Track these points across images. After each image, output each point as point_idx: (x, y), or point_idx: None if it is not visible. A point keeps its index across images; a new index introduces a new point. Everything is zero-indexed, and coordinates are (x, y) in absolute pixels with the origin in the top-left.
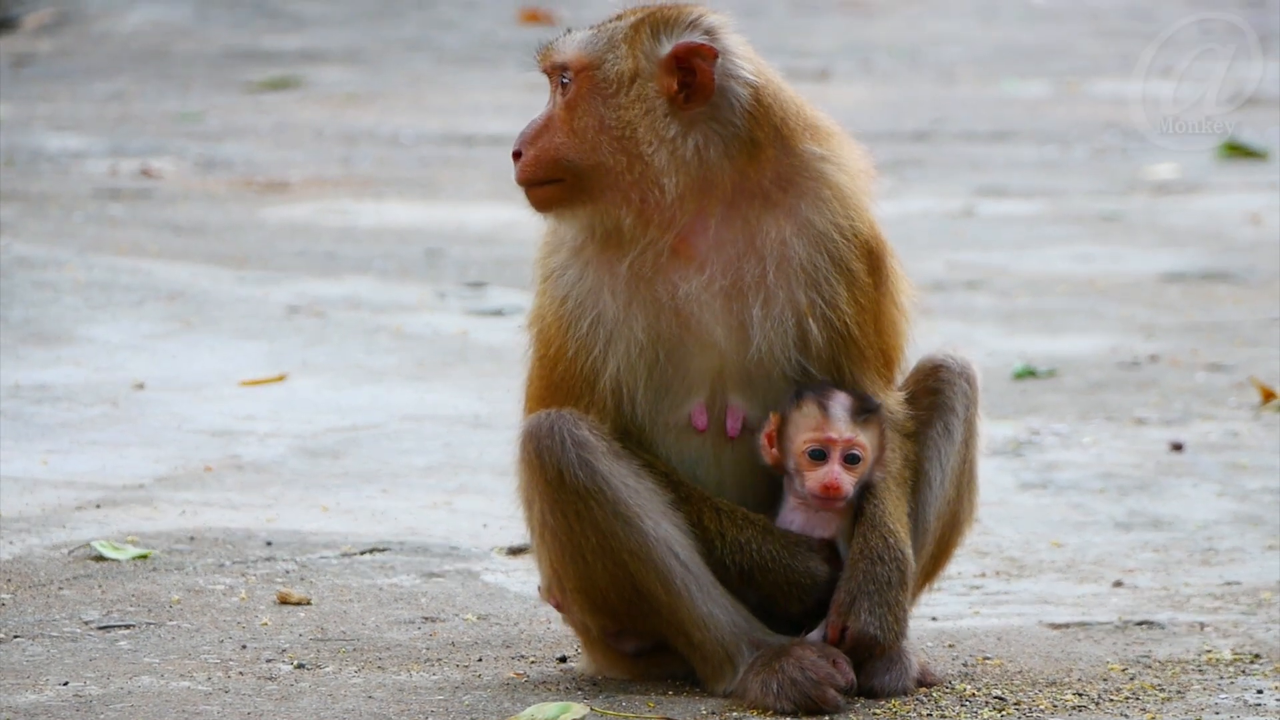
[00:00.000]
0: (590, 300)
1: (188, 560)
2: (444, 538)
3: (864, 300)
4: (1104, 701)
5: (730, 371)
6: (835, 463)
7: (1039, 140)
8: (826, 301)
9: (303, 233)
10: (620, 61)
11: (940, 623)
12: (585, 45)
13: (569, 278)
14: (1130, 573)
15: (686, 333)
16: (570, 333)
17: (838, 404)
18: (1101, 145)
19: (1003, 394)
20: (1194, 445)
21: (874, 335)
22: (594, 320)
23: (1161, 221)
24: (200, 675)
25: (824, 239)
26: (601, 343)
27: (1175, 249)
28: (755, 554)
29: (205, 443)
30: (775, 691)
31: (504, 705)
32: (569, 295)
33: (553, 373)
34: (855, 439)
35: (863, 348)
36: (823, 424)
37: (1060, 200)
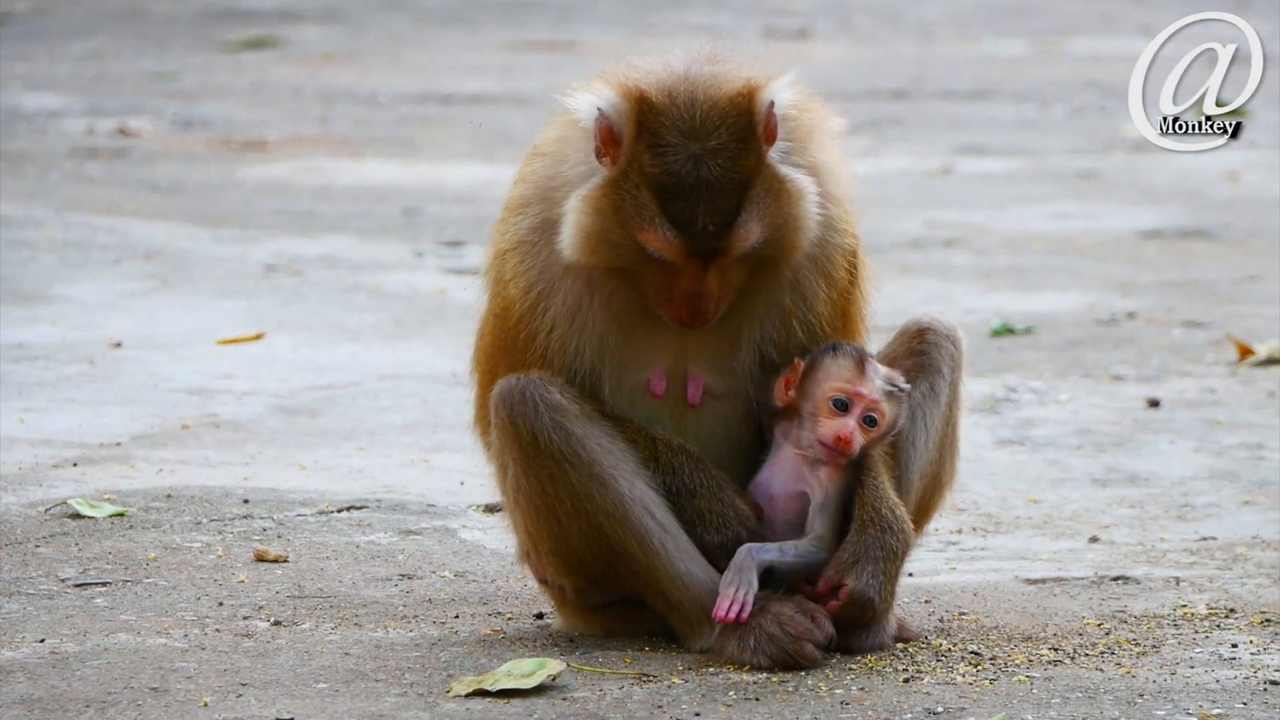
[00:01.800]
0: (558, 280)
1: (165, 518)
2: (421, 495)
3: (839, 300)
4: (1079, 656)
5: (694, 347)
6: (854, 417)
7: (1018, 99)
8: (807, 304)
9: (280, 192)
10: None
11: (917, 579)
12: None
13: (536, 249)
14: (1106, 528)
15: (658, 318)
16: (533, 304)
17: (874, 368)
18: (1080, 104)
19: (980, 351)
20: (1170, 402)
21: (840, 328)
22: (558, 301)
23: (1139, 179)
24: (177, 632)
25: (820, 254)
26: (565, 321)
27: (1153, 206)
28: (685, 479)
29: (182, 401)
30: (752, 647)
31: (481, 661)
32: (533, 268)
33: (509, 334)
34: (880, 404)
35: (829, 336)
36: (856, 379)
37: (1039, 158)
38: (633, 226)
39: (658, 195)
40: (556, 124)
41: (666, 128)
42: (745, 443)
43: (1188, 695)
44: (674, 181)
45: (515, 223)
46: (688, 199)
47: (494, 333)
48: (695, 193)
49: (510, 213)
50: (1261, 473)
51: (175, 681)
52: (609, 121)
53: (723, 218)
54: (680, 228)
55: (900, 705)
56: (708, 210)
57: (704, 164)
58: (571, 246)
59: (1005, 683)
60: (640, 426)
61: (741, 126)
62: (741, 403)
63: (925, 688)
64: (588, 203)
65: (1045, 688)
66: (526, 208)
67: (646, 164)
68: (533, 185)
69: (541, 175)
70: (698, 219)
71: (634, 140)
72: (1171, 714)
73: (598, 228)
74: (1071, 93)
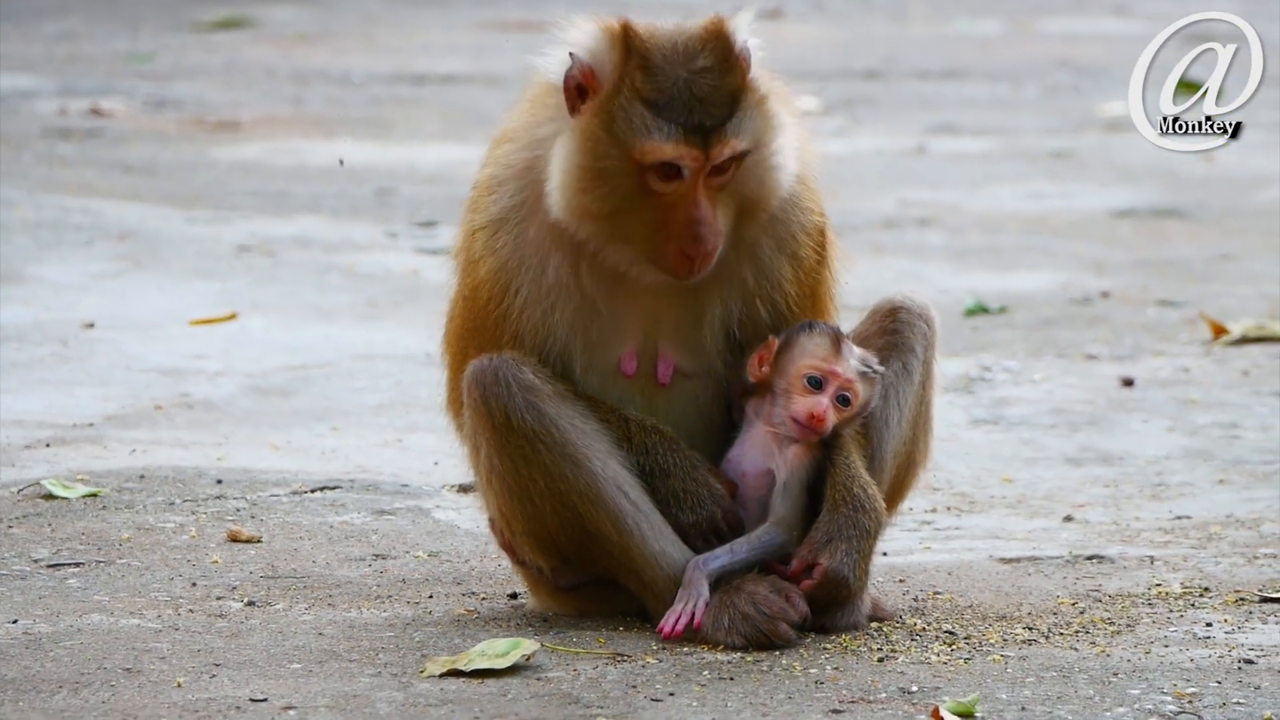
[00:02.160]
0: (530, 259)
1: (138, 498)
2: (394, 475)
3: (806, 280)
4: (1054, 635)
5: (665, 328)
6: (828, 395)
7: (991, 78)
8: (772, 284)
9: (253, 172)
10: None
11: (891, 558)
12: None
13: (508, 229)
14: (1080, 507)
15: (628, 302)
16: (504, 284)
17: (849, 348)
18: (1053, 83)
19: (954, 331)
20: (1144, 381)
21: (809, 308)
22: (531, 279)
23: (1113, 159)
24: (150, 613)
25: (785, 233)
26: (536, 301)
27: (1127, 186)
28: (659, 459)
29: (155, 381)
30: (726, 626)
31: (455, 641)
32: (506, 246)
33: (479, 315)
34: (854, 383)
35: (798, 316)
36: (831, 357)
37: (1012, 138)
38: (628, 140)
39: (652, 107)
40: (520, 109)
41: (653, 52)
42: (716, 422)
43: (1162, 674)
44: (668, 98)
45: (487, 203)
46: (683, 109)
47: (464, 314)
48: (690, 104)
49: (481, 193)
50: (1235, 451)
51: (148, 662)
52: (585, 61)
53: (717, 120)
54: (678, 126)
55: (875, 685)
56: (703, 115)
57: (695, 82)
58: (561, 190)
59: (980, 662)
60: (614, 407)
61: (723, 49)
62: (712, 382)
63: (900, 667)
64: (576, 133)
65: (1020, 667)
66: (499, 188)
67: (638, 82)
68: (504, 166)
69: (514, 159)
70: (694, 119)
71: (622, 63)
72: (1146, 693)
73: (589, 157)
74: (1045, 72)
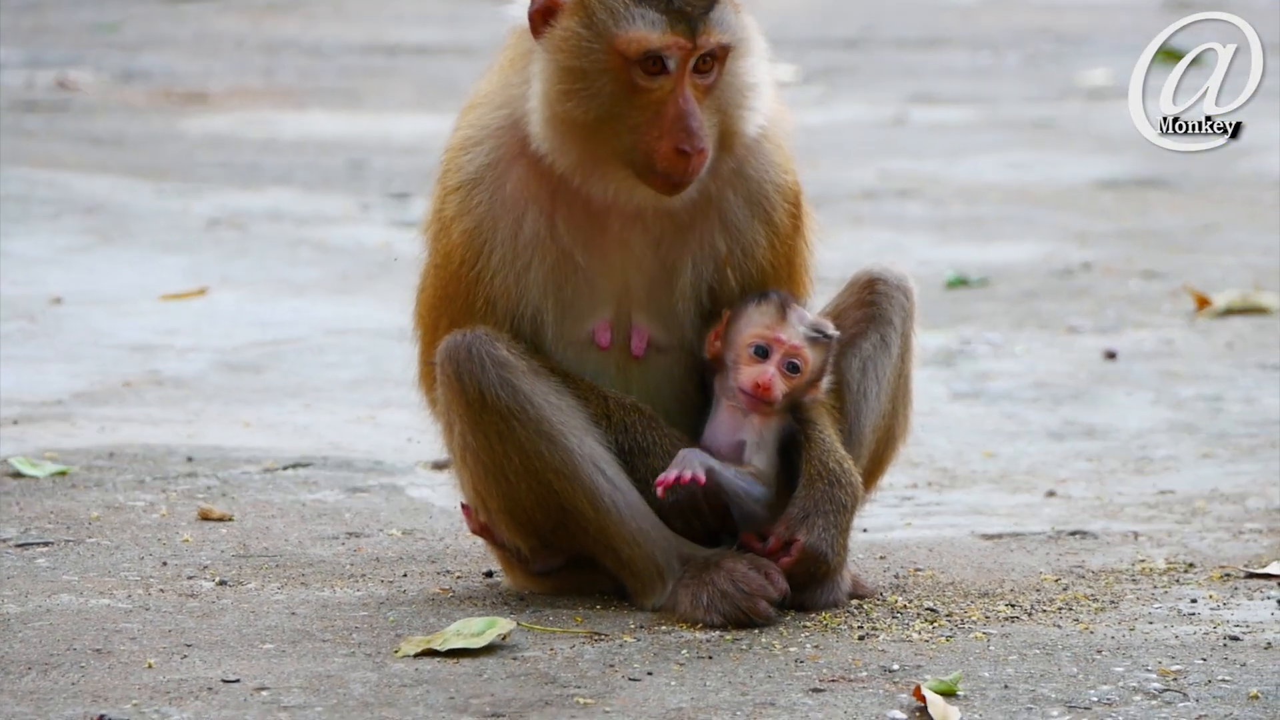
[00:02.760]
0: (506, 215)
1: (107, 477)
2: (368, 452)
3: (780, 246)
4: (1037, 612)
5: (638, 295)
6: (773, 364)
7: (972, 46)
8: (745, 251)
9: (223, 144)
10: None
11: (871, 534)
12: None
13: (484, 187)
14: (1063, 482)
15: (602, 258)
16: (477, 247)
17: (797, 315)
18: (1035, 51)
19: (935, 303)
20: (1128, 353)
21: (786, 279)
22: (506, 237)
23: (1095, 128)
24: (120, 593)
25: (757, 192)
26: (510, 260)
27: (1109, 155)
28: (639, 438)
29: (124, 358)
30: (705, 604)
31: (429, 620)
32: (480, 205)
33: (451, 282)
34: (802, 349)
35: (772, 286)
36: (776, 324)
37: (993, 107)
38: (610, 32)
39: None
40: (489, 74)
41: None
42: (691, 396)
43: (1146, 651)
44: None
45: (461, 162)
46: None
47: (436, 283)
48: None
49: (455, 153)
50: (1220, 425)
51: (119, 643)
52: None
53: (700, 8)
54: (659, 9)
55: (855, 663)
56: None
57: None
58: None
59: (962, 639)
60: (592, 385)
61: None
62: (685, 355)
63: (881, 645)
64: (552, 41)
65: (1002, 644)
66: (474, 147)
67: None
68: (479, 128)
69: (489, 119)
70: (676, 3)
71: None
72: (1130, 670)
73: (572, 59)
74: (1026, 40)
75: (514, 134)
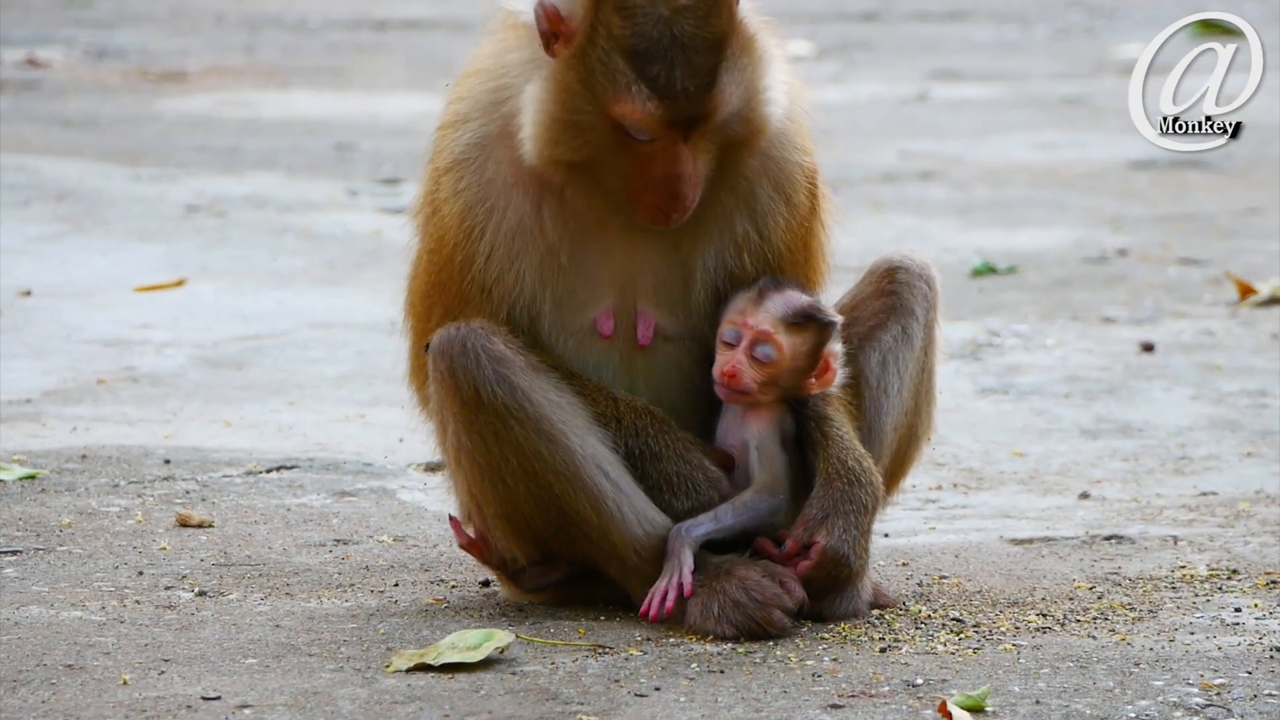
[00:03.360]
0: (500, 194)
1: (79, 480)
2: (356, 453)
3: (798, 229)
4: (1070, 622)
5: (644, 280)
6: (741, 351)
7: (997, 19)
8: (762, 232)
9: (202, 126)
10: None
11: (893, 539)
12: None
13: (475, 165)
14: (1098, 483)
15: (603, 241)
16: (470, 229)
17: (777, 299)
18: (1064, 24)
19: (959, 293)
20: (1166, 345)
21: (802, 263)
22: (501, 217)
23: (1130, 105)
24: (93, 604)
25: (779, 171)
26: (505, 243)
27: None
28: (651, 443)
29: (98, 353)
30: (715, 614)
31: (422, 633)
32: (472, 186)
33: (444, 268)
34: (772, 335)
35: (789, 274)
36: (748, 308)
37: (1020, 83)
38: (605, 99)
39: (631, 60)
40: (487, 40)
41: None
42: (701, 391)
43: (1188, 664)
44: (648, 44)
45: (453, 139)
46: (664, 61)
47: (428, 270)
48: (671, 54)
49: (445, 131)
50: (1264, 421)
51: (92, 658)
52: (554, 5)
53: (702, 80)
54: (659, 92)
55: (877, 677)
56: (686, 72)
57: (676, 23)
58: (533, 138)
59: (990, 652)
60: (599, 384)
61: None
62: (696, 345)
63: (903, 658)
64: (550, 82)
65: (1033, 657)
66: (465, 123)
67: (616, 27)
68: (471, 101)
69: (480, 91)
70: (676, 81)
71: (595, 6)
72: (1170, 684)
73: (564, 110)
74: (1055, 12)
75: (505, 109)
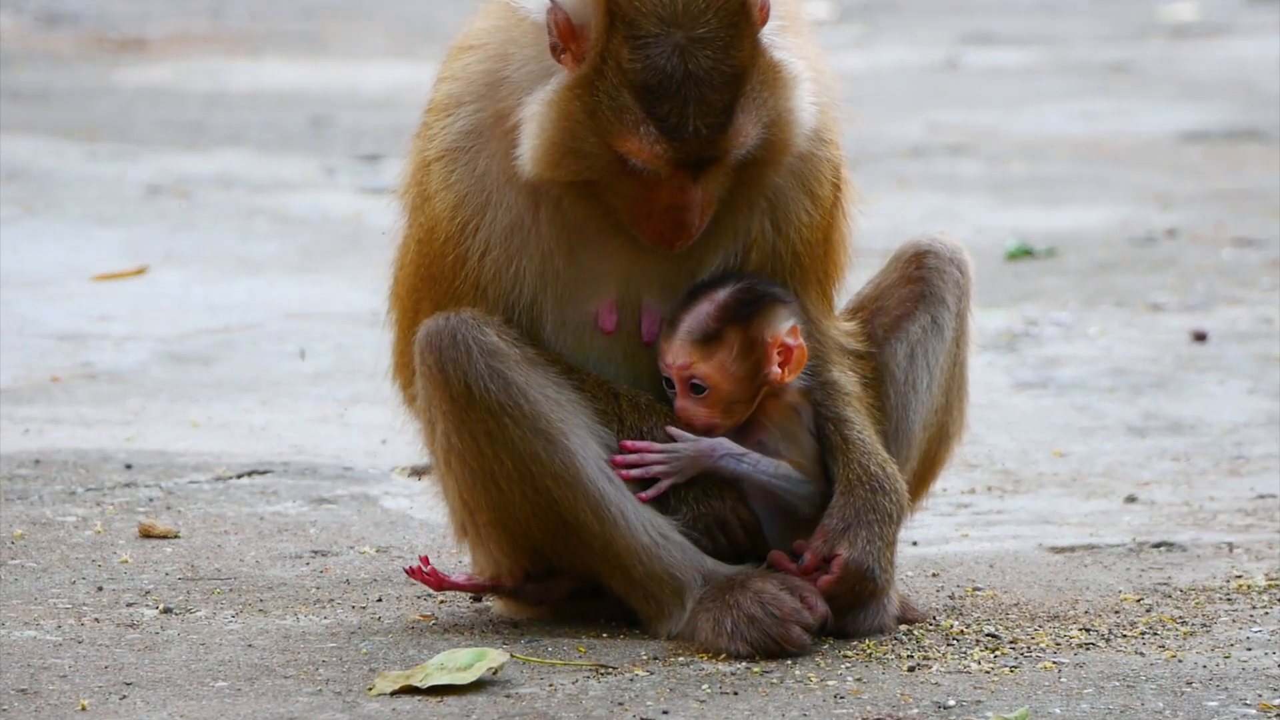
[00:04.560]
0: (494, 189)
1: (32, 487)
2: (335, 457)
3: (818, 221)
4: (1115, 638)
5: (649, 274)
6: (681, 395)
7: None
8: (778, 229)
9: (164, 98)
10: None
11: (922, 548)
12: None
13: (468, 156)
14: (1146, 486)
15: (604, 233)
16: (464, 222)
17: (685, 321)
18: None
19: (994, 278)
20: (1219, 334)
21: (821, 256)
22: (500, 208)
23: (1180, 71)
24: (49, 623)
25: (800, 164)
26: (501, 242)
27: (1196, 103)
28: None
29: (52, 348)
30: (729, 631)
31: (408, 653)
32: (465, 179)
33: (434, 260)
34: (691, 366)
35: (806, 268)
36: (664, 348)
37: (1060, 48)
38: (611, 134)
39: (640, 96)
40: (487, 13)
41: (645, 15)
42: None
43: (1244, 683)
44: (659, 78)
45: (444, 125)
46: (676, 98)
47: (416, 260)
48: (684, 90)
49: (436, 115)
50: None
51: (47, 681)
52: (566, 14)
53: (715, 118)
54: (669, 133)
55: (905, 698)
56: (699, 110)
57: (692, 55)
58: (532, 159)
59: (1028, 670)
60: (599, 379)
61: (732, 9)
62: None
63: (934, 677)
64: (554, 108)
65: (1075, 676)
66: (458, 108)
67: (625, 59)
68: (465, 82)
69: (476, 71)
70: (688, 121)
71: (606, 32)
72: (1225, 705)
73: (566, 137)
74: None
75: (501, 92)
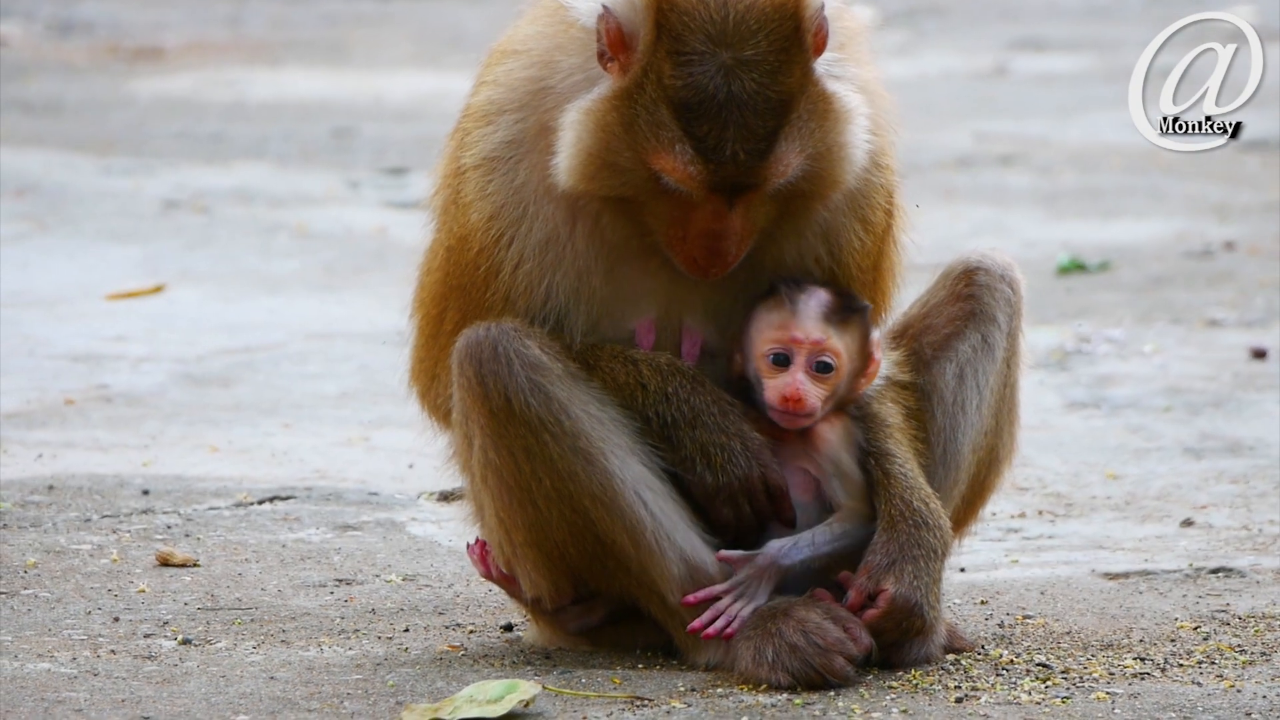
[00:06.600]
0: (532, 201)
1: (46, 514)
2: (360, 481)
3: (870, 248)
4: (1171, 667)
5: (692, 295)
6: (799, 369)
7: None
8: (832, 254)
9: (181, 110)
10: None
11: (971, 574)
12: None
13: (508, 167)
14: (1203, 509)
15: (645, 260)
16: (498, 233)
17: (812, 300)
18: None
19: (1044, 293)
20: (1279, 352)
21: (870, 284)
22: (531, 227)
23: (1237, 78)
24: (64, 655)
25: (855, 194)
26: (536, 255)
27: (1255, 111)
28: (683, 406)
29: (65, 370)
30: (770, 660)
31: (436, 685)
32: (503, 189)
33: (465, 270)
34: (826, 342)
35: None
36: (788, 323)
37: (1111, 53)
38: (646, 150)
39: (679, 114)
40: (533, 17)
41: (693, 31)
42: (753, 414)
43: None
44: (700, 98)
45: (482, 134)
46: (715, 120)
47: (445, 267)
48: (725, 113)
49: (475, 122)
50: None
51: (62, 715)
52: (618, 21)
53: (756, 144)
54: (704, 154)
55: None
56: (739, 135)
57: (737, 77)
58: (567, 169)
59: (1081, 701)
60: (615, 348)
61: (785, 33)
62: None
63: (982, 709)
64: (591, 116)
65: (1130, 707)
66: (499, 116)
67: (667, 74)
68: (506, 89)
69: (519, 79)
70: (726, 145)
71: (652, 45)
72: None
73: (602, 148)
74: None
75: (544, 102)
